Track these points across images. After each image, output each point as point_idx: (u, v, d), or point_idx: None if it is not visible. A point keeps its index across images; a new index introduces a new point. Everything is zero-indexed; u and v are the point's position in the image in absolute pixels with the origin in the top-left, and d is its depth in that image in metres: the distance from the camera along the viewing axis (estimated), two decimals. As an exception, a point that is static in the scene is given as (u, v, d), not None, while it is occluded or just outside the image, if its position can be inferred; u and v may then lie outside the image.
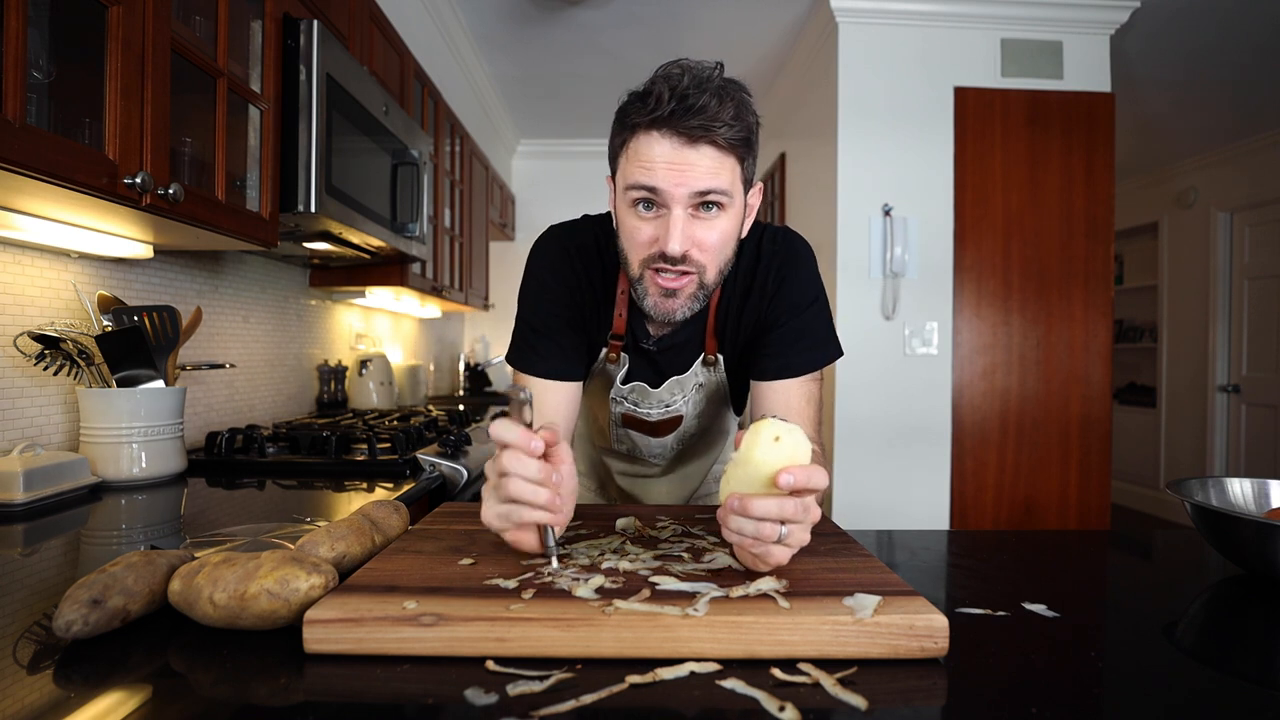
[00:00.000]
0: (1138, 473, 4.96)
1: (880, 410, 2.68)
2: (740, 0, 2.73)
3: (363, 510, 0.72)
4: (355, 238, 1.67)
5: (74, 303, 1.26)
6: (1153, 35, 2.83)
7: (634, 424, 1.04)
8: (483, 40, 3.07)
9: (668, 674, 0.47)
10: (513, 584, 0.57)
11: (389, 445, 1.52)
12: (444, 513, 0.83)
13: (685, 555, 0.66)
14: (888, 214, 2.65)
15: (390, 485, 1.27)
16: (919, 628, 0.50)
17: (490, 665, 0.48)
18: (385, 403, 2.48)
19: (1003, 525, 2.69)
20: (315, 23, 1.39)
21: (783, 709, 0.43)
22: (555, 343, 0.91)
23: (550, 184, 4.46)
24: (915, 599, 0.54)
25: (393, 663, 0.49)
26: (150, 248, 1.33)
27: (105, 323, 1.24)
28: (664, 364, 0.97)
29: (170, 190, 1.03)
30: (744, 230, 0.85)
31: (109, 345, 1.19)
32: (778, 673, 0.48)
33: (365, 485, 1.27)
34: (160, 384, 1.26)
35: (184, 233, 1.22)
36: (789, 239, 0.92)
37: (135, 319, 1.26)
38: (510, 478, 0.58)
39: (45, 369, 1.15)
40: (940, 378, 2.68)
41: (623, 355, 0.96)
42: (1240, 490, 0.84)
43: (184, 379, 1.57)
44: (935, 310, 2.68)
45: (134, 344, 1.22)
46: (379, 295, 2.42)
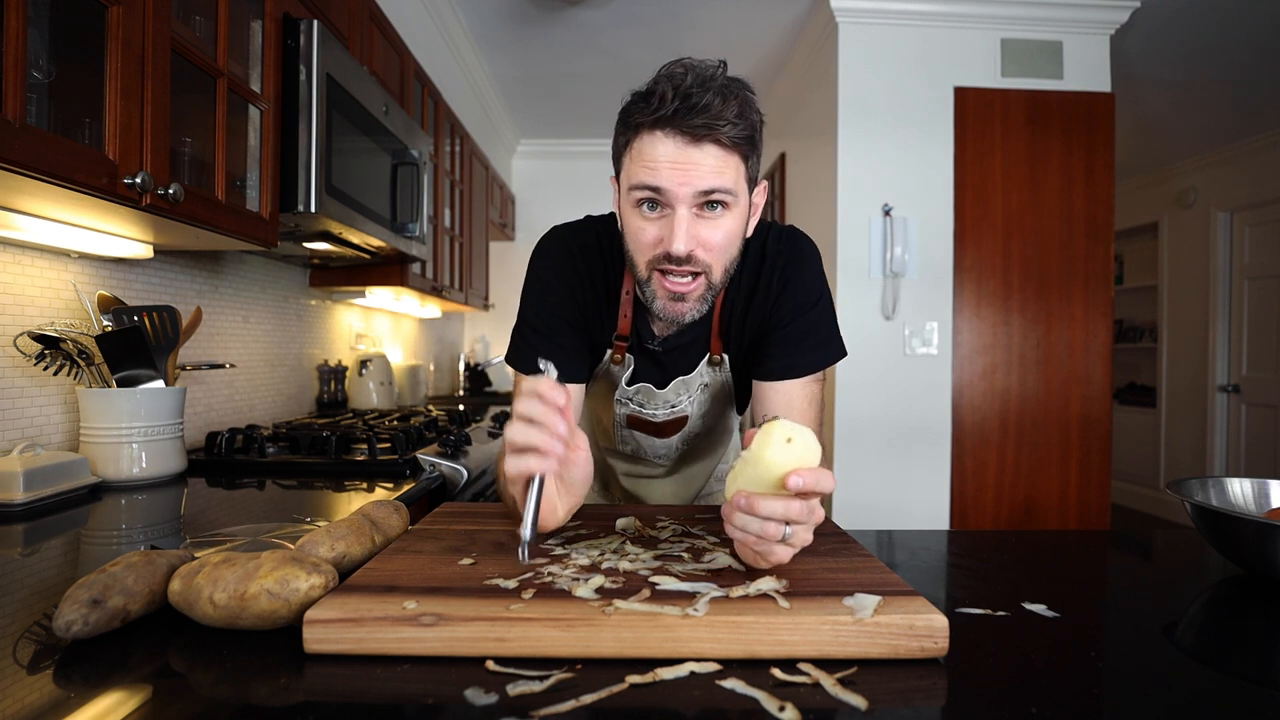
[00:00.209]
0: (1138, 473, 4.96)
1: (880, 410, 2.68)
2: (740, 0, 2.73)
3: (363, 510, 0.72)
4: (355, 238, 1.67)
5: (74, 303, 1.26)
6: (1153, 35, 2.83)
7: (639, 425, 1.04)
8: (483, 40, 3.07)
9: (668, 674, 0.47)
10: (513, 584, 0.57)
11: (389, 445, 1.52)
12: (444, 513, 0.83)
13: (685, 555, 0.66)
14: (888, 214, 2.65)
15: (390, 485, 1.27)
16: (919, 628, 0.50)
17: (490, 665, 0.48)
18: (385, 403, 2.48)
19: (1003, 525, 2.69)
20: (315, 23, 1.39)
21: (783, 709, 0.43)
22: (557, 343, 0.91)
23: (550, 184, 4.46)
24: (915, 599, 0.54)
25: (393, 663, 0.49)
26: (150, 248, 1.33)
27: (105, 323, 1.24)
28: (669, 364, 0.97)
29: (170, 190, 1.03)
30: (749, 229, 0.85)
31: (109, 345, 1.19)
32: (778, 673, 0.48)
33: (365, 485, 1.27)
34: (160, 384, 1.26)
35: (184, 233, 1.22)
36: (794, 238, 0.92)
37: (135, 319, 1.26)
38: (530, 423, 0.60)
39: (45, 369, 1.15)
40: (940, 378, 2.68)
41: (627, 356, 0.96)
42: (1240, 490, 0.84)
43: (184, 379, 1.57)
44: (935, 310, 2.68)
45: (134, 344, 1.22)
46: (379, 295, 2.42)
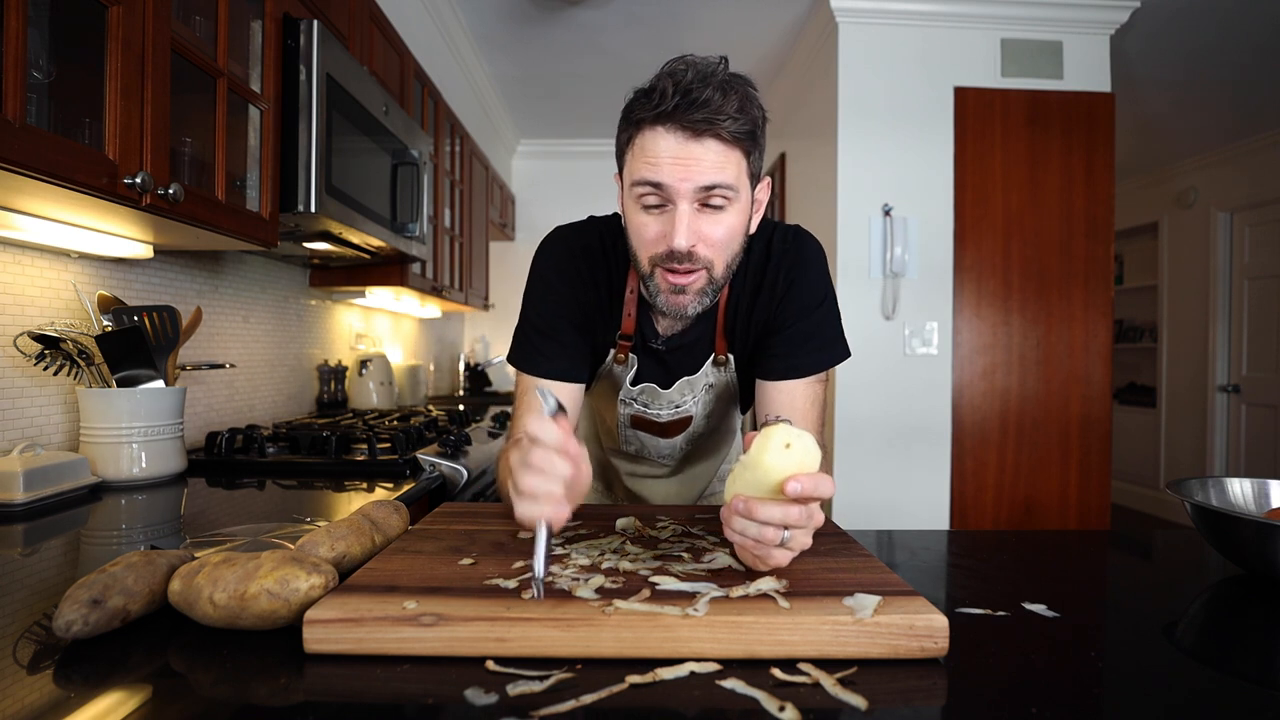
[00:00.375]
0: (1138, 473, 4.96)
1: (880, 410, 2.68)
2: (740, 0, 2.73)
3: (363, 510, 0.72)
4: (355, 238, 1.67)
5: (74, 303, 1.26)
6: (1153, 35, 2.83)
7: (643, 425, 1.04)
8: (483, 40, 3.07)
9: (668, 674, 0.47)
10: (513, 584, 0.57)
11: (389, 445, 1.52)
12: (444, 513, 0.83)
13: (685, 555, 0.66)
14: (888, 214, 2.65)
15: (390, 485, 1.27)
16: (919, 628, 0.50)
17: (490, 665, 0.48)
18: (385, 403, 2.48)
19: (1003, 525, 2.69)
20: (315, 23, 1.39)
21: (783, 709, 0.43)
22: (559, 343, 0.91)
23: (550, 184, 4.46)
24: (915, 599, 0.54)
25: (393, 663, 0.49)
26: (150, 248, 1.33)
27: (105, 323, 1.24)
28: (674, 364, 0.97)
29: (170, 190, 1.03)
30: (752, 225, 0.85)
31: (109, 345, 1.19)
32: (778, 673, 0.48)
33: (365, 485, 1.27)
34: (160, 384, 1.26)
35: (184, 233, 1.22)
36: (800, 238, 0.92)
37: (135, 319, 1.26)
38: (537, 473, 0.59)
39: (45, 369, 1.15)
40: (940, 378, 2.68)
41: (631, 356, 0.96)
42: (1240, 490, 0.84)
43: (184, 379, 1.57)
44: (935, 310, 2.68)
45: (134, 344, 1.22)
46: (379, 295, 2.42)
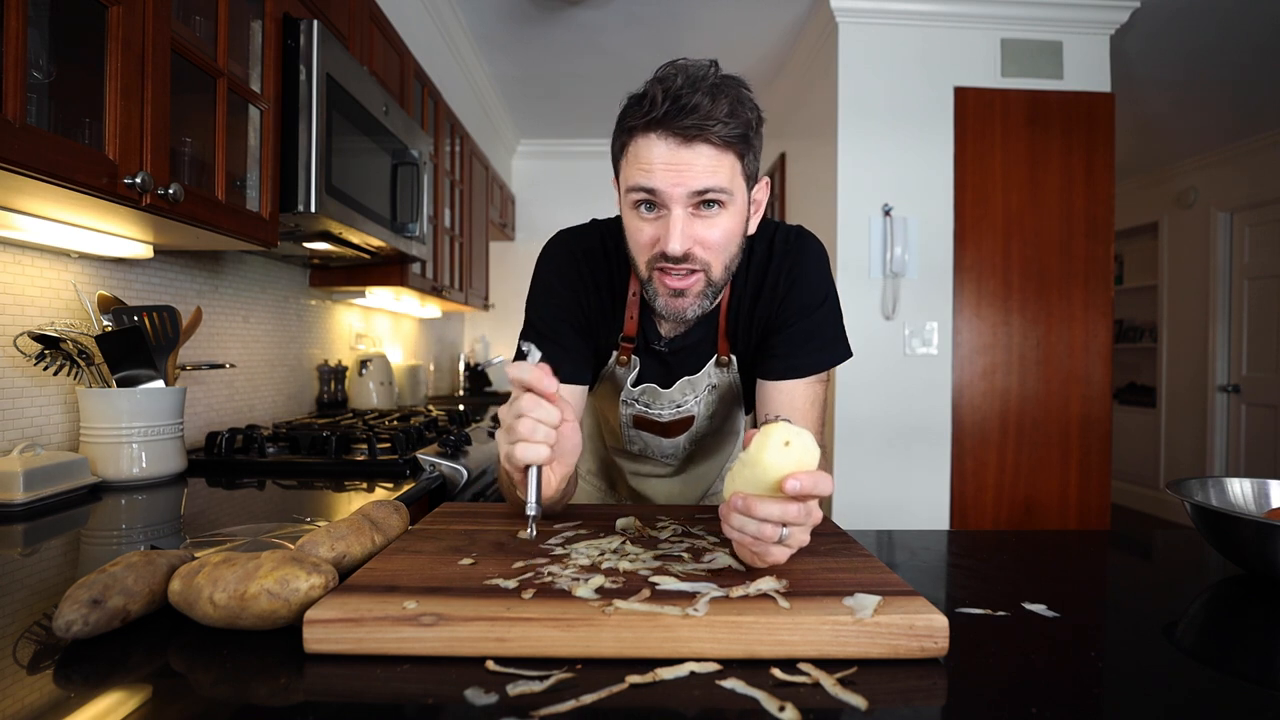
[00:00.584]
0: (1138, 473, 4.96)
1: (880, 410, 2.68)
2: (740, 0, 2.73)
3: (363, 510, 0.72)
4: (355, 238, 1.67)
5: (74, 303, 1.26)
6: (1153, 35, 2.83)
7: (645, 425, 1.04)
8: (483, 40, 3.07)
9: (668, 674, 0.47)
10: (513, 584, 0.57)
11: (389, 445, 1.52)
12: (444, 513, 0.83)
13: (685, 555, 0.66)
14: (888, 214, 2.65)
15: (390, 485, 1.27)
16: (919, 628, 0.50)
17: (490, 665, 0.48)
18: (385, 403, 2.48)
19: (1003, 525, 2.69)
20: (315, 23, 1.39)
21: (783, 709, 0.43)
22: (561, 346, 0.91)
23: (550, 184, 4.46)
24: (915, 599, 0.54)
25: (393, 663, 0.49)
26: (150, 248, 1.33)
27: (105, 323, 1.24)
28: (675, 365, 0.97)
29: (170, 190, 1.03)
30: (751, 226, 0.85)
31: (109, 345, 1.19)
32: (778, 673, 0.48)
33: (365, 485, 1.27)
34: (160, 384, 1.26)
35: (184, 233, 1.22)
36: (801, 238, 0.92)
37: (135, 319, 1.26)
38: (523, 417, 0.62)
39: (45, 369, 1.15)
40: (940, 378, 2.68)
41: (633, 357, 0.97)
42: (1240, 490, 0.84)
43: (184, 379, 1.57)
44: (935, 310, 2.68)
45: (134, 344, 1.22)
46: (379, 295, 2.42)
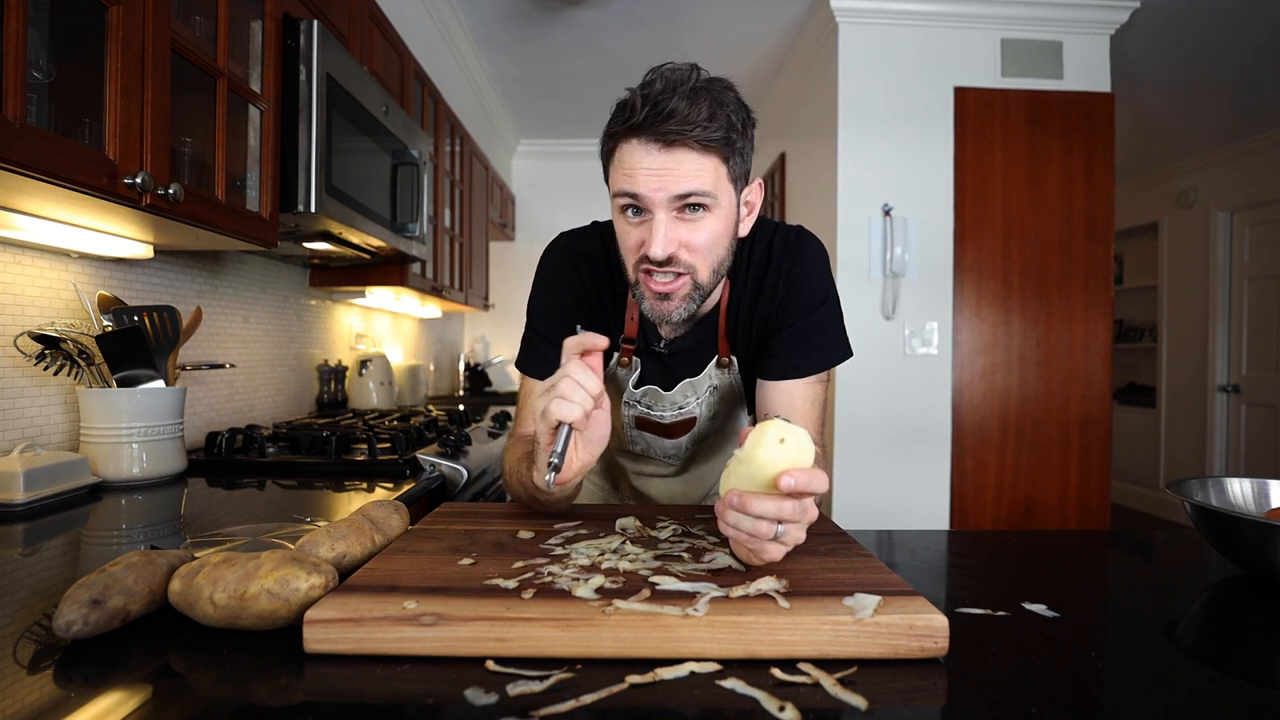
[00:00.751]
0: (1138, 473, 4.96)
1: (880, 410, 2.68)
2: (740, 0, 2.73)
3: (363, 510, 0.72)
4: (355, 238, 1.67)
5: (74, 303, 1.26)
6: (1153, 35, 2.83)
7: (647, 426, 1.04)
8: (483, 40, 3.07)
9: (668, 674, 0.47)
10: (513, 584, 0.57)
11: (389, 445, 1.52)
12: (444, 513, 0.83)
13: (685, 555, 0.66)
14: (888, 214, 2.65)
15: (390, 485, 1.27)
16: (919, 628, 0.50)
17: (490, 665, 0.48)
18: (385, 403, 2.48)
19: (1003, 525, 2.69)
20: (315, 23, 1.39)
21: (783, 709, 0.43)
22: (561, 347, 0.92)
23: (550, 184, 4.46)
24: (915, 599, 0.54)
25: (393, 663, 0.49)
26: (150, 248, 1.33)
27: (105, 323, 1.24)
28: (676, 366, 0.97)
29: (170, 190, 1.03)
30: (743, 228, 0.86)
31: (109, 345, 1.19)
32: (778, 673, 0.48)
33: (365, 485, 1.27)
34: (160, 384, 1.26)
35: (184, 233, 1.22)
36: (801, 239, 0.93)
37: (135, 319, 1.26)
38: (567, 378, 0.67)
39: (45, 369, 1.15)
40: (940, 378, 2.68)
41: (634, 359, 0.97)
42: (1240, 490, 0.84)
43: (184, 379, 1.57)
44: (935, 310, 2.68)
45: (134, 344, 1.22)
46: (379, 295, 2.42)
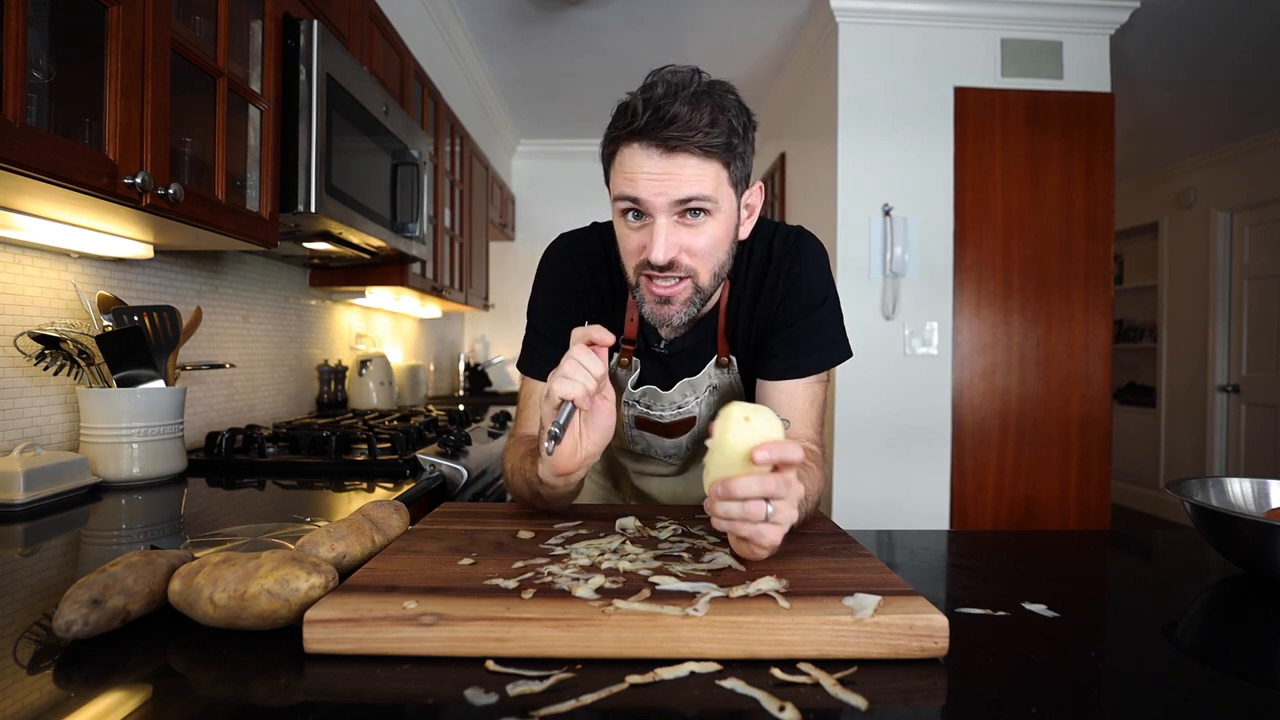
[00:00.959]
0: (1138, 473, 4.96)
1: (880, 410, 2.68)
2: (740, 0, 2.73)
3: (363, 510, 0.72)
4: (355, 238, 1.67)
5: (74, 303, 1.26)
6: (1153, 35, 2.83)
7: (647, 426, 1.04)
8: (483, 40, 3.07)
9: (668, 674, 0.47)
10: (513, 584, 0.57)
11: (389, 445, 1.52)
12: (444, 513, 0.83)
13: (685, 555, 0.66)
14: (888, 214, 2.65)
15: (390, 485, 1.27)
16: (919, 628, 0.50)
17: (490, 665, 0.48)
18: (385, 403, 2.48)
19: (1003, 525, 2.69)
20: (315, 23, 1.39)
21: (783, 709, 0.43)
22: (562, 347, 0.92)
23: (550, 184, 4.46)
24: (915, 599, 0.54)
25: (393, 663, 0.49)
26: (150, 248, 1.33)
27: (105, 323, 1.24)
28: (675, 366, 0.97)
29: (170, 190, 1.03)
30: (743, 231, 0.86)
31: (109, 345, 1.19)
32: (778, 673, 0.48)
33: (365, 485, 1.27)
34: (160, 384, 1.26)
35: (184, 233, 1.22)
36: (801, 239, 0.93)
37: (135, 319, 1.26)
38: (571, 359, 0.70)
39: (45, 369, 1.15)
40: (940, 378, 2.68)
41: (634, 359, 0.97)
42: (1240, 490, 0.84)
43: (184, 379, 1.57)
44: (935, 310, 2.68)
45: (134, 344, 1.22)
46: (379, 295, 2.42)
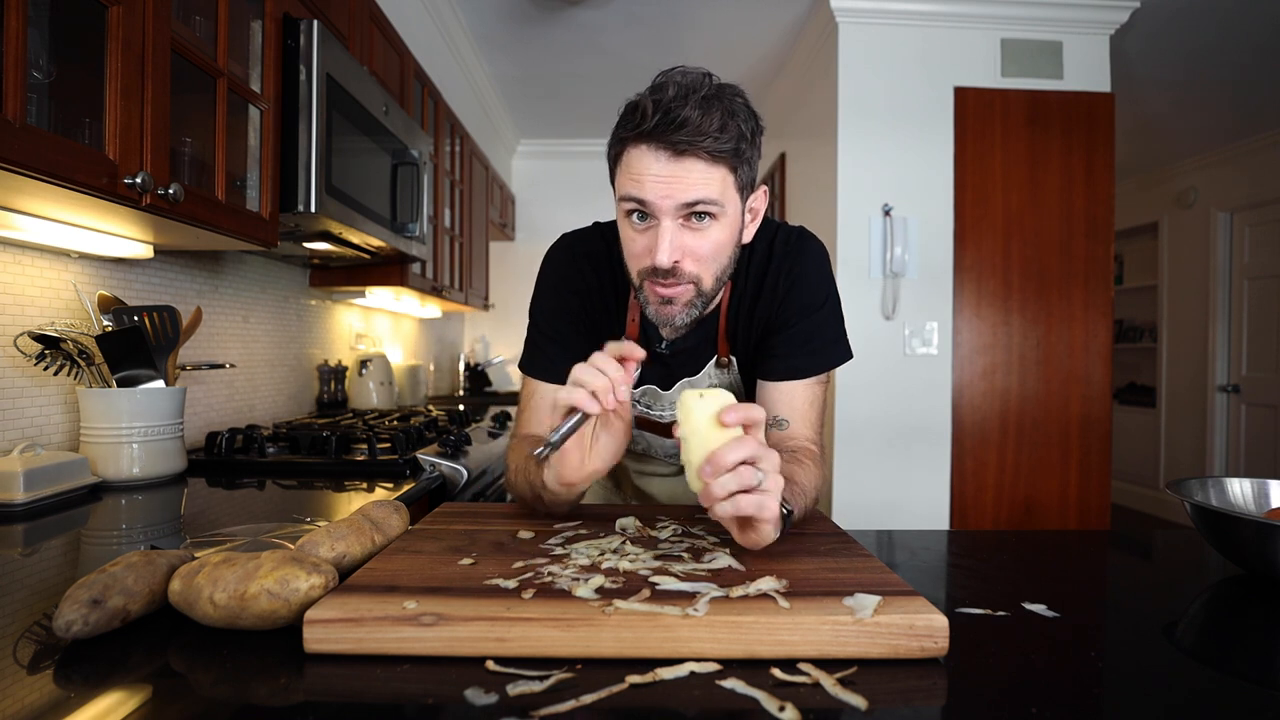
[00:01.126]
0: (1138, 473, 4.96)
1: (880, 410, 2.68)
2: (740, 0, 2.73)
3: (363, 510, 0.72)
4: (355, 238, 1.67)
5: (74, 303, 1.26)
6: (1153, 35, 2.83)
7: (647, 425, 1.05)
8: (483, 40, 3.07)
9: (668, 674, 0.47)
10: (513, 584, 0.57)
11: (389, 445, 1.52)
12: (444, 513, 0.83)
13: (685, 555, 0.66)
14: (888, 214, 2.65)
15: (390, 485, 1.27)
16: (919, 628, 0.50)
17: (490, 665, 0.48)
18: (385, 403, 2.48)
19: (1003, 525, 2.69)
20: (315, 23, 1.39)
21: (783, 709, 0.43)
22: (562, 346, 0.92)
23: (550, 184, 4.46)
24: (915, 599, 0.54)
25: (393, 663, 0.49)
26: (150, 248, 1.33)
27: (105, 323, 1.24)
28: (675, 366, 0.97)
29: (170, 190, 1.03)
30: (747, 235, 0.86)
31: (109, 345, 1.19)
32: (778, 673, 0.48)
33: (365, 485, 1.27)
34: (160, 384, 1.26)
35: (184, 233, 1.22)
36: (802, 240, 0.93)
37: (135, 319, 1.26)
38: (590, 365, 0.68)
39: (45, 369, 1.15)
40: (940, 378, 2.68)
41: None
42: (1240, 490, 0.84)
43: (184, 379, 1.57)
44: (935, 310, 2.68)
45: (134, 344, 1.22)
46: (379, 295, 2.42)
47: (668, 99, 0.73)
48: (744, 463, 0.59)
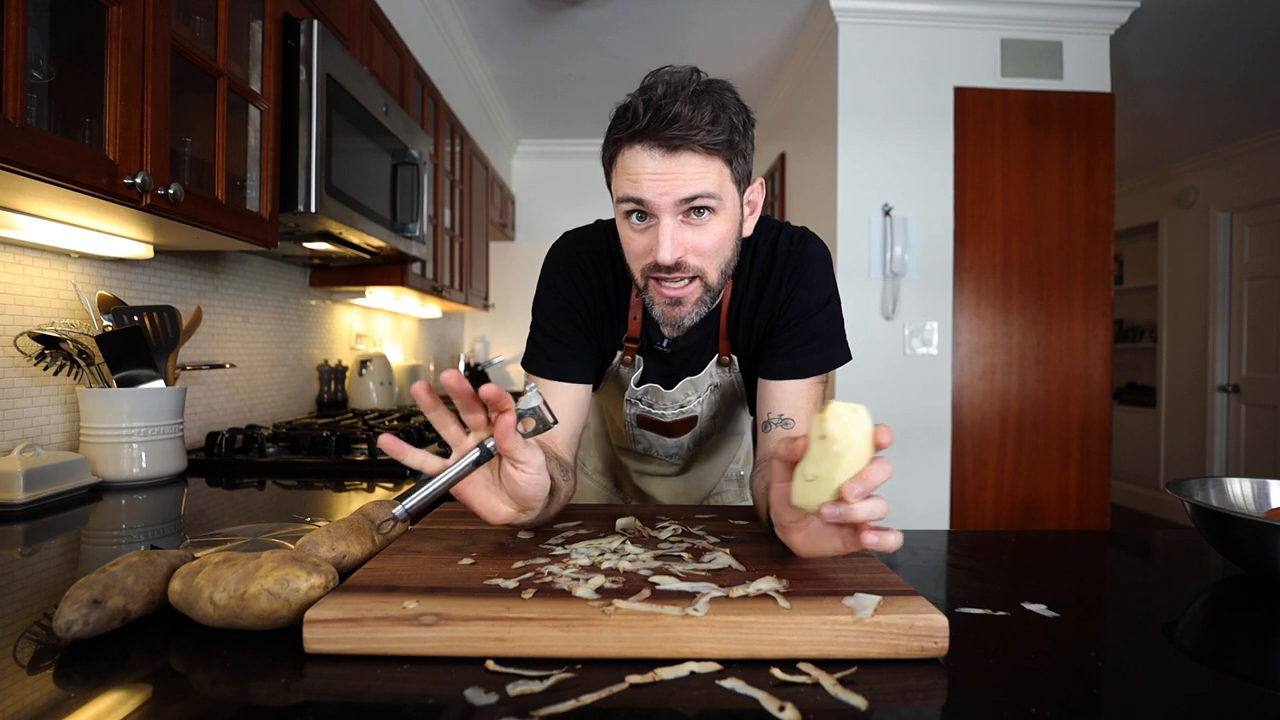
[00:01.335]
0: (1138, 473, 4.96)
1: (880, 410, 2.67)
2: (740, 0, 2.73)
3: (363, 510, 0.72)
4: (355, 238, 1.67)
5: (74, 303, 1.26)
6: (1153, 35, 2.83)
7: (649, 424, 1.05)
8: (483, 40, 3.07)
9: (668, 674, 0.47)
10: (513, 584, 0.57)
11: (389, 445, 1.52)
12: (444, 513, 0.83)
13: (685, 555, 0.66)
14: (888, 214, 2.65)
15: (390, 485, 1.27)
16: (919, 628, 0.50)
17: (490, 665, 0.48)
18: (385, 403, 2.48)
19: (1003, 525, 2.69)
20: (315, 23, 1.39)
21: (783, 709, 0.43)
22: (564, 345, 0.92)
23: (550, 184, 4.46)
24: (915, 599, 0.54)
25: (393, 663, 0.49)
26: (150, 248, 1.33)
27: (105, 323, 1.24)
28: (678, 365, 0.98)
29: (170, 190, 1.03)
30: (747, 228, 0.86)
31: (109, 345, 1.19)
32: (778, 673, 0.48)
33: (365, 485, 1.27)
34: (160, 384, 1.26)
35: (184, 233, 1.22)
36: (805, 240, 0.93)
37: (135, 319, 1.26)
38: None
39: (45, 369, 1.15)
40: (940, 378, 2.68)
41: (637, 357, 0.97)
42: (1240, 490, 0.84)
43: (184, 379, 1.57)
44: (935, 310, 2.68)
45: (134, 344, 1.22)
46: (379, 295, 2.42)
47: (658, 97, 0.73)
48: None
